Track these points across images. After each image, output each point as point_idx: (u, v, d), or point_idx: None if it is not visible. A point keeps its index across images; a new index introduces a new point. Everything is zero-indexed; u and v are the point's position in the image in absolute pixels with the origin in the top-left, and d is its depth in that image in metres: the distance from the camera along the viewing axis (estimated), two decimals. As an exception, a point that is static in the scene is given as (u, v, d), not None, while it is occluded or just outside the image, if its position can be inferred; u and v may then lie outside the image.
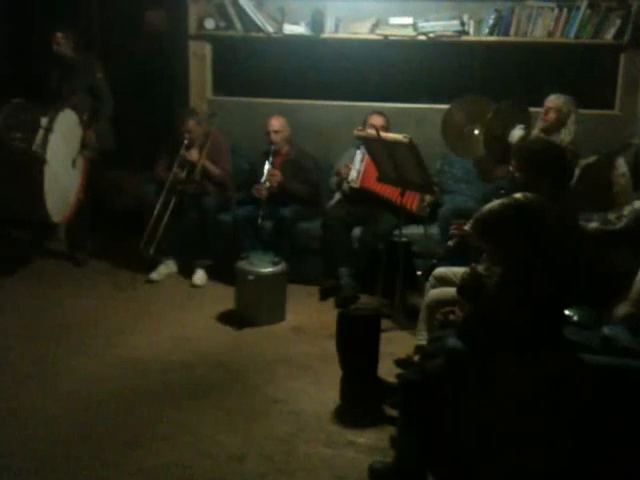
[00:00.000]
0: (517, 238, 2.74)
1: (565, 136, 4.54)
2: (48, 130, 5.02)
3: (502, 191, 3.66)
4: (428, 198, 5.00)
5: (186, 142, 5.27)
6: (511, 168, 3.63)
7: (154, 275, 5.24)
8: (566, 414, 2.67)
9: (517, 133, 4.49)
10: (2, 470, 3.03)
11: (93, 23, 6.36)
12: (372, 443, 3.25)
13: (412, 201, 4.96)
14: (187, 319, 4.62)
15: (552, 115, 4.62)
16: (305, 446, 3.24)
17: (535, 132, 4.67)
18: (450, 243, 3.82)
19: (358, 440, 3.28)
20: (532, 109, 5.02)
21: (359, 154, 5.13)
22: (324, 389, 3.72)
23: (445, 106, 5.60)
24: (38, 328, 4.45)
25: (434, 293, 3.79)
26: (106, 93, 5.50)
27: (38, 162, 4.98)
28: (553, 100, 4.66)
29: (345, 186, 5.20)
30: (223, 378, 3.88)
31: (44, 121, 5.03)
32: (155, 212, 5.13)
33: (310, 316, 4.71)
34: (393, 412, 3.38)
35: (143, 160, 5.83)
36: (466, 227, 3.66)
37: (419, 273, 4.07)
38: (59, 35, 5.36)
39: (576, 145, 4.49)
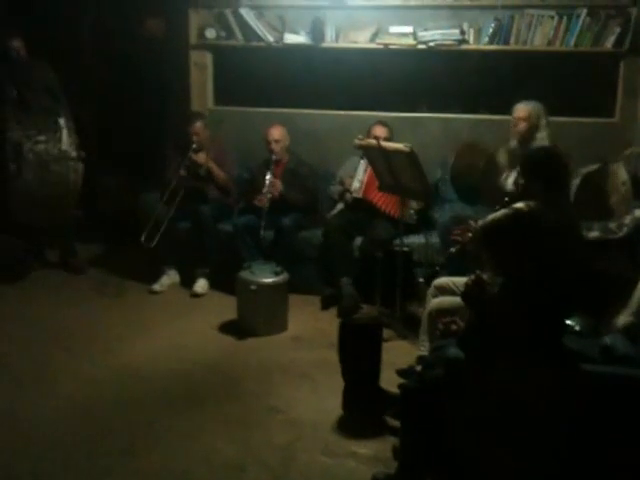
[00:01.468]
0: (515, 248, 2.77)
1: (540, 142, 4.53)
2: (70, 129, 5.17)
3: (506, 199, 3.68)
4: (414, 205, 4.99)
5: (194, 145, 5.30)
6: (516, 175, 3.64)
7: (156, 286, 5.23)
8: (565, 422, 2.67)
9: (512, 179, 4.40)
10: (-1, 474, 3.05)
11: (91, 32, 6.37)
12: (373, 454, 3.24)
13: (392, 206, 5.00)
14: (187, 328, 4.62)
15: (522, 125, 4.58)
16: (305, 455, 3.23)
17: (513, 144, 4.66)
18: (452, 250, 3.82)
19: (359, 450, 3.26)
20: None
21: (362, 164, 5.12)
22: (324, 398, 3.71)
23: (445, 115, 5.63)
24: (37, 335, 4.46)
25: (435, 302, 3.79)
26: (61, 92, 5.44)
27: (73, 160, 5.19)
28: (521, 110, 4.61)
29: (348, 196, 5.19)
30: (222, 386, 3.88)
31: (62, 121, 5.14)
32: (158, 209, 5.12)
33: (310, 325, 4.70)
34: (395, 422, 3.37)
35: (142, 168, 5.85)
36: (469, 233, 3.67)
37: (421, 280, 4.08)
38: (16, 43, 5.30)
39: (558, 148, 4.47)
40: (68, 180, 5.26)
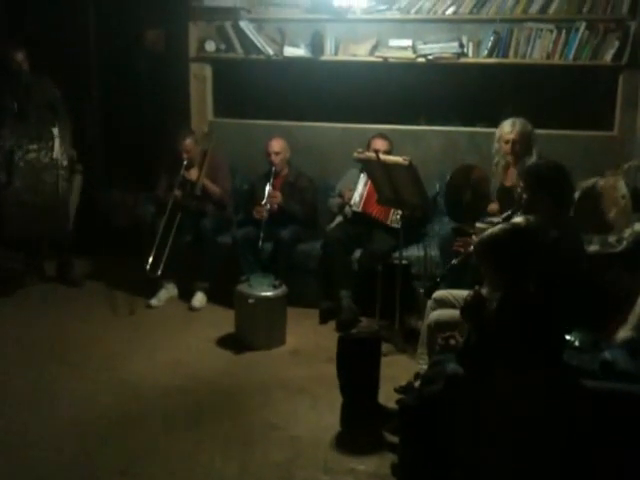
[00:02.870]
0: (512, 263, 2.77)
1: (536, 156, 4.51)
2: (62, 138, 5.21)
3: (509, 212, 3.68)
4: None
5: (185, 162, 5.29)
6: (519, 189, 3.64)
7: (154, 301, 5.20)
8: (565, 438, 2.65)
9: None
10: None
11: (91, 43, 6.39)
12: (372, 470, 3.22)
13: (386, 213, 5.01)
14: (185, 343, 4.60)
15: (518, 147, 4.50)
16: (303, 472, 3.20)
17: (501, 163, 4.63)
18: (454, 261, 3.82)
19: (358, 467, 3.24)
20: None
21: (363, 178, 5.11)
22: (322, 414, 3.69)
23: (444, 128, 5.62)
24: (35, 351, 4.43)
25: (435, 315, 3.78)
26: (64, 109, 5.45)
27: (63, 169, 5.24)
28: (514, 132, 4.50)
29: (347, 209, 5.18)
30: (220, 403, 3.86)
31: (56, 130, 5.18)
32: (159, 234, 5.12)
33: (309, 339, 4.68)
34: (393, 438, 3.35)
35: (141, 179, 5.84)
36: (471, 246, 3.67)
37: (422, 291, 4.07)
38: (19, 53, 5.30)
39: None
40: (58, 189, 5.27)
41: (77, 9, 6.23)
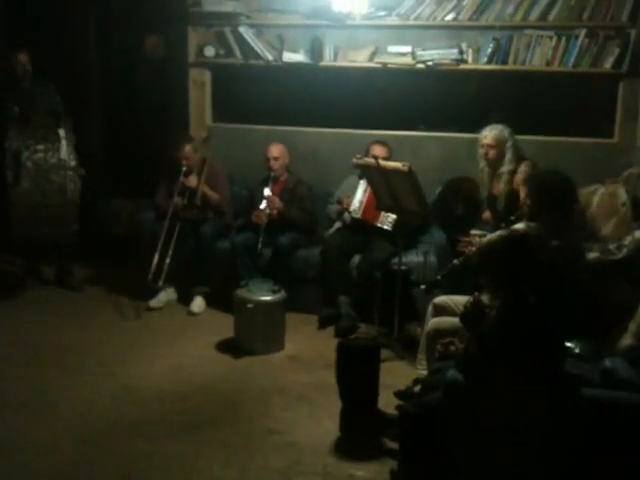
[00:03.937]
0: (510, 270, 2.76)
1: (507, 165, 4.55)
2: (69, 140, 5.20)
3: (512, 218, 3.68)
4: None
5: (184, 169, 5.28)
6: (523, 195, 3.64)
7: (153, 302, 5.20)
8: (565, 446, 2.64)
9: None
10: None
11: (90, 48, 6.39)
12: (372, 476, 3.21)
13: (376, 215, 5.00)
14: (184, 348, 4.59)
15: (492, 153, 4.59)
16: (302, 478, 3.20)
17: (485, 168, 4.68)
18: (455, 261, 3.81)
19: (357, 473, 3.23)
20: (530, 137, 5.04)
21: (362, 184, 5.11)
22: (321, 420, 3.68)
23: (443, 134, 5.62)
24: (34, 356, 4.42)
25: (434, 322, 3.78)
26: (64, 113, 5.45)
27: (71, 170, 5.23)
28: (489, 137, 4.60)
29: (346, 216, 5.18)
30: (219, 408, 3.84)
31: (62, 132, 5.18)
32: (160, 242, 5.12)
33: (308, 345, 4.67)
34: (393, 445, 3.34)
35: (141, 186, 5.83)
36: (473, 247, 3.67)
37: (423, 287, 4.08)
38: (23, 57, 5.32)
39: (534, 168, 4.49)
40: (66, 190, 5.27)
41: (77, 15, 6.25)
